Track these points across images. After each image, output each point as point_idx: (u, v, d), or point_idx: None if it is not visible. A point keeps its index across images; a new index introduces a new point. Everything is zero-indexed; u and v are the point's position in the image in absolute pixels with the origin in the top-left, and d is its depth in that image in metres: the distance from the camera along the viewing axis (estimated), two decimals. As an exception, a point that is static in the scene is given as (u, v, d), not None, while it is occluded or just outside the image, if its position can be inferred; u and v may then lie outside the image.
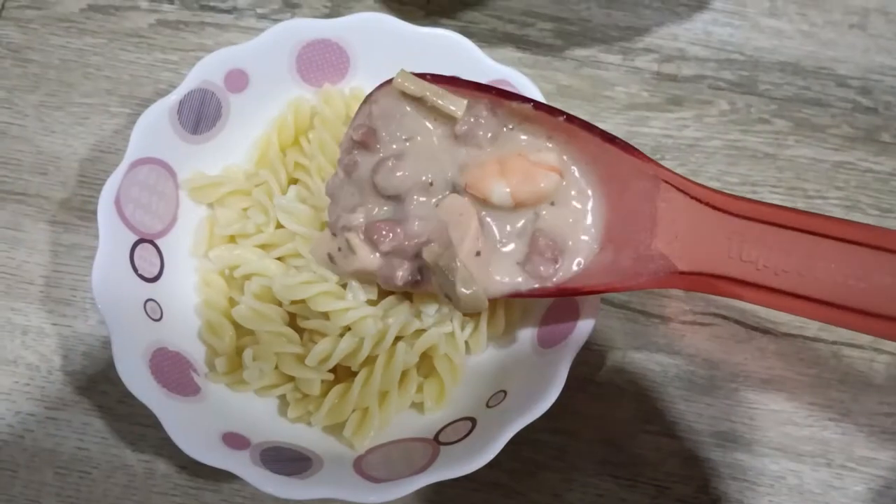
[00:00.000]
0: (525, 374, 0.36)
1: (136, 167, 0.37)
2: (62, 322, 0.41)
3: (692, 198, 0.32)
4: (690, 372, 0.40)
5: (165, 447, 0.35)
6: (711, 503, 0.38)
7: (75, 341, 0.41)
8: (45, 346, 0.41)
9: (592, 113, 0.45)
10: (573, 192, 0.34)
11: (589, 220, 0.34)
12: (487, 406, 0.36)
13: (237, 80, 0.39)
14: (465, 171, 0.34)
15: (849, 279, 0.29)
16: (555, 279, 0.34)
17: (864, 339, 0.41)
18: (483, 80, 0.39)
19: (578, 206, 0.34)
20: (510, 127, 0.34)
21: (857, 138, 0.45)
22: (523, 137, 0.34)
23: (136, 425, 0.39)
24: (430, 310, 0.37)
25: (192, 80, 0.38)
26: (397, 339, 0.37)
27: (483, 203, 0.34)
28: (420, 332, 0.37)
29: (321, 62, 0.40)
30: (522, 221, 0.34)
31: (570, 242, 0.34)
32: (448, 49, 0.39)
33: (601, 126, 0.44)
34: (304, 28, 0.39)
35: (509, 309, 0.38)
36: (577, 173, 0.34)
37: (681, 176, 0.33)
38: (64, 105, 0.45)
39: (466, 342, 0.38)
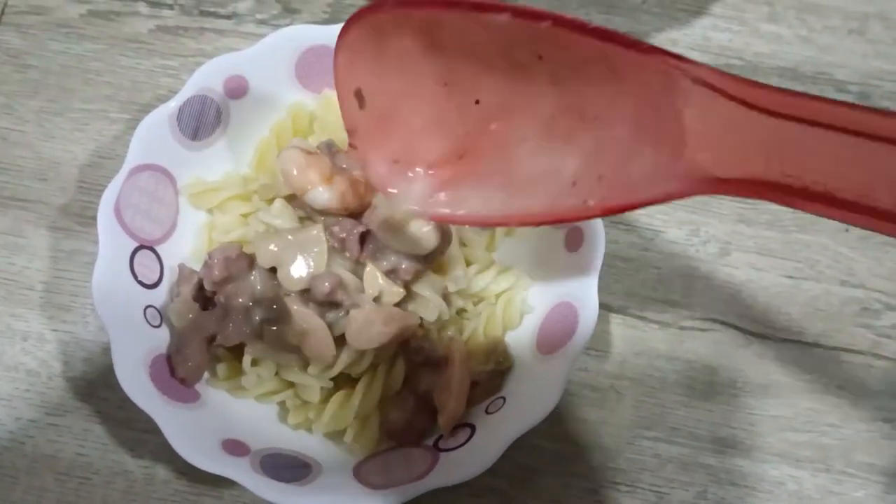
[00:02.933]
0: (524, 380, 0.36)
1: (136, 173, 0.37)
2: (62, 328, 0.41)
3: (725, 96, 0.28)
4: (689, 378, 0.40)
5: (165, 453, 0.35)
6: (710, 509, 0.39)
7: (75, 347, 0.41)
8: (46, 352, 0.41)
9: (591, 118, 0.45)
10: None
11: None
12: (487, 412, 0.36)
13: (236, 86, 0.39)
14: None
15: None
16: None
17: (863, 344, 0.41)
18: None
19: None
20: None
21: (855, 143, 0.45)
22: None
23: (136, 431, 0.39)
24: (432, 316, 0.37)
25: (191, 87, 0.38)
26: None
27: None
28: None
29: (320, 68, 0.40)
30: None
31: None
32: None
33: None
34: (303, 34, 0.39)
35: (507, 311, 0.38)
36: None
37: (704, 66, 0.28)
38: (64, 111, 0.45)
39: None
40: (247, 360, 0.36)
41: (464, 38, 0.31)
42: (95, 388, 0.40)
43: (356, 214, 0.37)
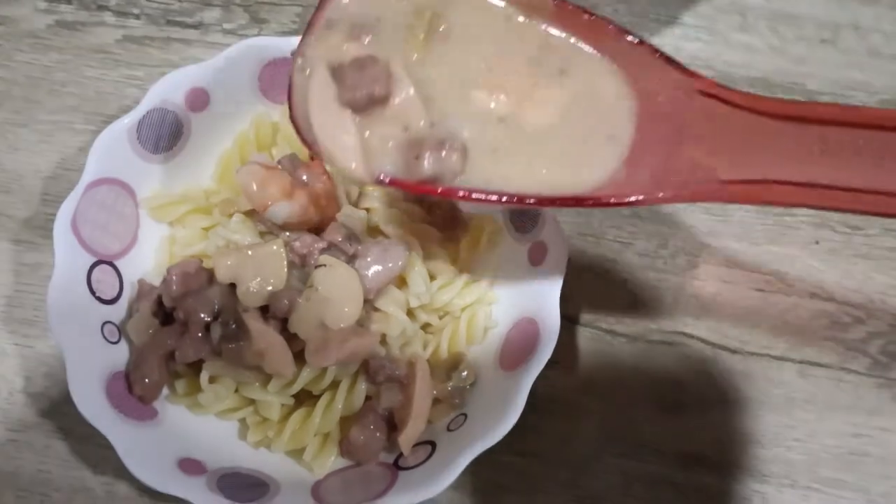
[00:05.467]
0: (485, 396, 0.36)
1: (94, 188, 0.36)
2: (24, 342, 0.41)
3: (730, 104, 0.30)
4: (657, 392, 0.40)
5: (126, 470, 0.34)
6: (677, 525, 0.38)
7: (37, 362, 0.40)
8: (7, 367, 0.40)
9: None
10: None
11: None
12: (448, 430, 0.36)
13: (197, 98, 0.38)
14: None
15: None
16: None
17: (831, 358, 0.41)
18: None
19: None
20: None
21: (827, 154, 0.45)
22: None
23: (98, 447, 0.38)
24: (395, 332, 0.37)
25: (150, 100, 0.37)
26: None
27: None
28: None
29: (283, 80, 0.39)
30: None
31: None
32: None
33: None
34: (265, 46, 0.38)
35: (470, 326, 0.38)
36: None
37: (715, 82, 0.30)
38: (29, 122, 0.45)
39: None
40: (204, 376, 0.35)
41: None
42: (57, 403, 0.40)
43: (317, 229, 0.37)
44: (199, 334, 0.36)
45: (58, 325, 0.34)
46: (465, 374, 0.37)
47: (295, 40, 0.38)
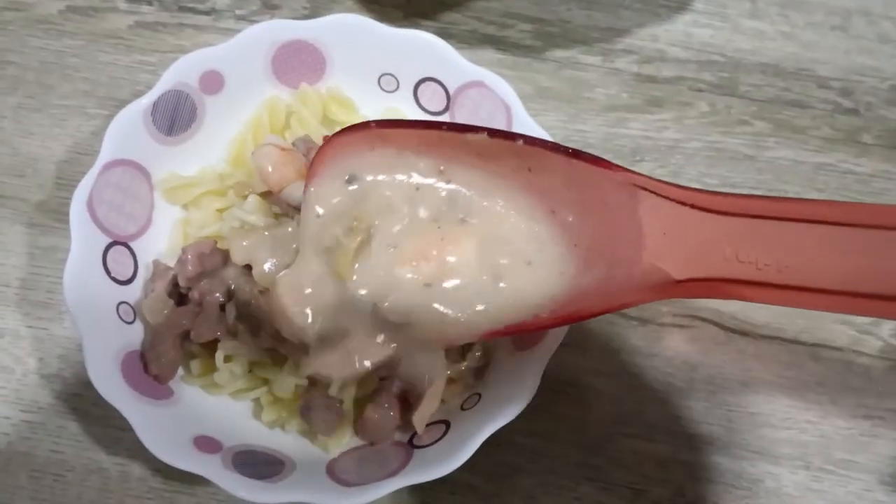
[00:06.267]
0: (500, 376, 0.36)
1: (109, 169, 0.36)
2: (38, 325, 0.41)
3: (674, 201, 0.31)
4: (668, 374, 0.40)
5: (140, 450, 0.34)
6: (689, 506, 0.38)
7: (51, 344, 0.40)
8: (21, 349, 0.40)
9: (572, 114, 0.45)
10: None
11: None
12: (462, 409, 0.36)
13: (212, 81, 0.38)
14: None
15: (859, 264, 0.27)
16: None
17: (843, 341, 0.41)
18: (459, 82, 0.39)
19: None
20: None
21: (837, 140, 0.45)
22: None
23: (111, 428, 0.39)
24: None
25: (165, 82, 0.37)
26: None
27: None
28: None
29: (297, 63, 0.40)
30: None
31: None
32: (425, 51, 0.39)
33: (582, 127, 0.44)
34: (278, 29, 0.39)
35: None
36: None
37: (657, 180, 0.31)
38: (42, 107, 0.45)
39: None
40: (219, 356, 0.36)
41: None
42: (71, 385, 0.40)
43: None
44: (214, 314, 0.36)
45: (75, 304, 0.34)
46: (479, 353, 0.37)
47: (308, 23, 0.39)
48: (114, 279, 0.36)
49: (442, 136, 0.33)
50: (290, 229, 0.36)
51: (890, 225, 0.27)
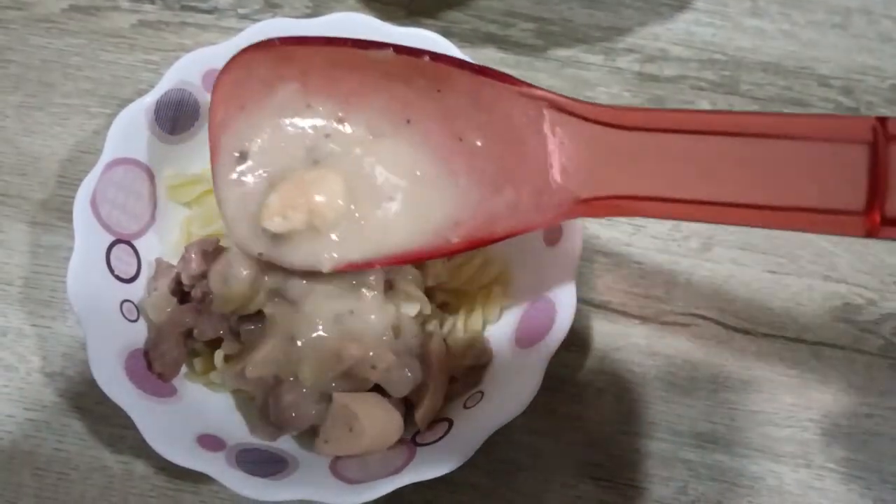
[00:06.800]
0: (502, 374, 0.36)
1: (113, 168, 0.37)
2: (41, 323, 0.41)
3: (579, 117, 0.30)
4: (670, 373, 0.40)
5: (144, 449, 0.35)
6: (691, 504, 0.38)
7: (54, 342, 0.41)
8: (24, 347, 0.40)
9: (574, 113, 0.45)
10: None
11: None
12: (464, 407, 0.36)
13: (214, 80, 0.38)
14: None
15: (756, 175, 0.27)
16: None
17: (845, 339, 0.41)
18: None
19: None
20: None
21: (838, 138, 0.45)
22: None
23: (115, 426, 0.39)
24: (411, 310, 0.37)
25: (168, 81, 0.38)
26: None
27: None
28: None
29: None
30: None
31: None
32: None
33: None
34: (280, 28, 0.38)
35: (487, 305, 0.38)
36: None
37: (561, 95, 0.30)
38: (44, 106, 0.45)
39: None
40: (219, 355, 0.36)
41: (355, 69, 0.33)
42: (74, 383, 0.40)
43: None
44: (218, 313, 0.36)
45: (78, 302, 0.34)
46: (480, 353, 0.37)
47: (310, 22, 0.39)
48: (117, 277, 0.36)
49: (347, 53, 0.33)
50: None
51: (787, 134, 0.26)
